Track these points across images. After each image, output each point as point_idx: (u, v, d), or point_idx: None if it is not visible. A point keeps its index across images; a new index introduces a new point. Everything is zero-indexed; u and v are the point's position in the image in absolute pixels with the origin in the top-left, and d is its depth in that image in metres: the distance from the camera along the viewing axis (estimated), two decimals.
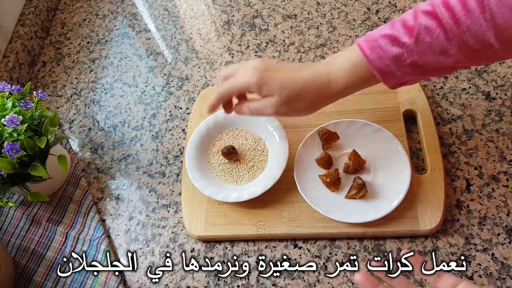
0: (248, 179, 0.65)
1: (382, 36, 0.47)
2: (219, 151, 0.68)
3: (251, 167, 0.65)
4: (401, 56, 0.47)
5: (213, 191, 0.63)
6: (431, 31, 0.45)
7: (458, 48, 0.45)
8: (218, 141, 0.69)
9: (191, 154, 0.67)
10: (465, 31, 0.44)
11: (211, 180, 0.65)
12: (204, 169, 0.66)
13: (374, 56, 0.47)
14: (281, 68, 0.51)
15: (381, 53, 0.47)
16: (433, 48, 0.46)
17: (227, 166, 0.66)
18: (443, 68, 0.48)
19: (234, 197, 0.61)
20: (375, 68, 0.48)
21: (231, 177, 0.65)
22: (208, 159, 0.68)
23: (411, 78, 0.49)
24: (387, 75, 0.48)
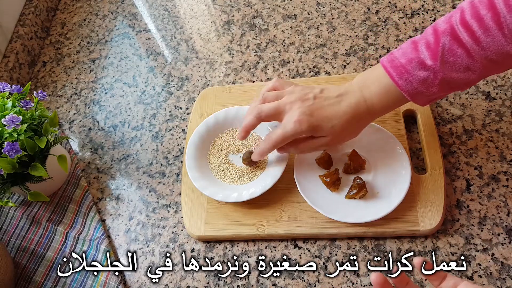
0: (248, 179, 0.65)
1: (408, 61, 0.49)
2: (219, 151, 0.67)
3: (251, 167, 0.65)
4: (428, 78, 0.48)
5: (213, 191, 0.63)
6: (454, 51, 0.47)
7: (482, 64, 0.46)
8: (218, 141, 0.69)
9: (191, 154, 0.66)
10: (485, 48, 0.45)
11: (211, 180, 0.65)
12: (204, 169, 0.66)
13: (403, 82, 0.50)
14: (322, 104, 0.54)
15: (410, 78, 0.49)
16: (458, 67, 0.47)
17: (227, 166, 0.66)
18: (469, 81, 0.49)
19: (234, 197, 0.61)
20: (405, 92, 0.50)
21: (231, 177, 0.65)
22: (208, 159, 0.68)
23: (439, 94, 0.51)
24: (416, 96, 0.51)
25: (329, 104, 0.54)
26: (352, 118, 0.53)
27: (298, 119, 0.53)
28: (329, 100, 0.54)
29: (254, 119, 0.56)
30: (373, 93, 0.53)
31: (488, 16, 0.44)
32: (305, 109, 0.53)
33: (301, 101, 0.54)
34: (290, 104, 0.54)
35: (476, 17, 0.45)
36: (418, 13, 0.79)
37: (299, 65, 0.78)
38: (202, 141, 0.68)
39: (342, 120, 0.53)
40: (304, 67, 0.77)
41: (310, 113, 0.53)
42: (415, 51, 0.49)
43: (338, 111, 0.53)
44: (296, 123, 0.53)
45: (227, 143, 0.68)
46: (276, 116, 0.56)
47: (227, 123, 0.69)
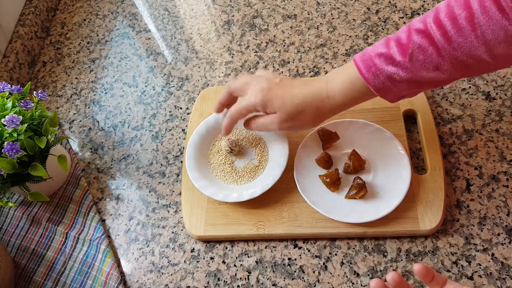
0: (248, 179, 0.65)
1: (377, 55, 0.49)
2: (219, 151, 0.68)
3: (251, 167, 0.65)
4: (396, 74, 0.48)
5: (213, 191, 0.63)
6: (424, 49, 0.46)
7: (451, 64, 0.46)
8: (218, 141, 0.69)
9: (191, 154, 0.67)
10: (456, 48, 0.45)
11: (211, 180, 0.65)
12: (204, 169, 0.66)
13: (370, 75, 0.49)
14: (284, 85, 0.55)
15: (377, 72, 0.49)
16: (427, 66, 0.47)
17: (227, 166, 0.66)
18: (438, 81, 0.49)
19: (234, 197, 0.61)
20: (371, 86, 0.50)
21: (231, 177, 0.65)
22: (208, 159, 0.68)
23: (408, 92, 0.51)
24: (383, 91, 0.50)
25: (291, 86, 0.54)
26: (307, 101, 0.53)
27: (254, 91, 0.54)
28: (293, 84, 0.55)
29: (224, 92, 0.60)
30: (337, 83, 0.52)
31: (462, 16, 0.44)
32: (266, 85, 0.54)
33: (267, 80, 0.55)
34: (257, 81, 0.56)
35: (450, 16, 0.45)
36: (418, 13, 0.79)
37: (299, 65, 0.78)
38: (202, 141, 0.68)
39: (295, 100, 0.53)
40: (304, 67, 0.77)
41: (268, 89, 0.54)
42: (386, 47, 0.49)
43: (294, 93, 0.54)
44: (251, 95, 0.55)
45: (227, 143, 0.68)
46: (243, 89, 0.57)
47: None
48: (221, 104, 0.61)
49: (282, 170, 0.62)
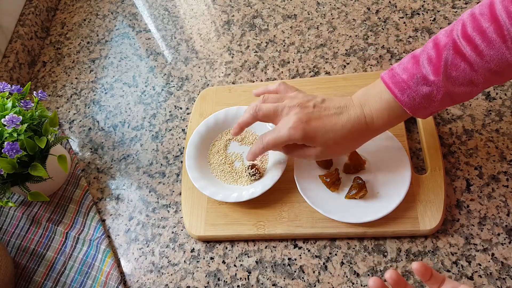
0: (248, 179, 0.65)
1: (410, 77, 0.48)
2: (219, 151, 0.68)
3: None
4: (431, 93, 0.48)
5: (213, 191, 0.63)
6: (456, 65, 0.46)
7: (485, 77, 0.46)
8: (218, 141, 0.69)
9: (191, 154, 0.66)
10: (489, 61, 0.45)
11: (211, 180, 0.65)
12: (204, 169, 0.66)
13: (406, 98, 0.49)
14: (321, 113, 0.52)
15: (412, 94, 0.48)
16: (461, 81, 0.47)
17: (227, 166, 0.66)
18: (472, 93, 0.48)
19: (234, 197, 0.61)
20: (408, 108, 0.49)
21: (231, 177, 0.65)
22: (208, 159, 0.68)
23: (442, 107, 0.50)
24: (419, 111, 0.50)
25: (327, 115, 0.52)
26: (349, 133, 0.52)
27: (293, 126, 0.52)
28: (328, 110, 0.53)
29: (250, 117, 0.56)
30: (373, 109, 0.51)
31: (491, 29, 0.43)
32: (303, 116, 0.52)
33: (300, 107, 0.53)
34: (288, 108, 0.53)
35: (478, 30, 0.44)
36: (418, 13, 0.79)
37: (299, 65, 0.78)
38: (202, 141, 0.68)
39: (338, 134, 0.52)
40: (304, 67, 0.77)
41: (306, 121, 0.52)
42: (417, 66, 0.48)
43: (335, 124, 0.52)
44: (290, 130, 0.52)
45: (227, 143, 0.68)
46: (272, 118, 0.54)
47: (227, 123, 0.69)
48: (241, 128, 0.58)
49: (282, 170, 0.62)
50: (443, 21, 0.76)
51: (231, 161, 0.67)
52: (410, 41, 0.75)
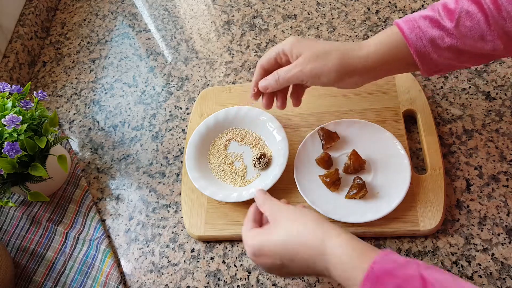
0: (249, 179, 0.65)
1: (422, 17, 0.47)
2: (219, 151, 0.68)
3: (251, 167, 0.65)
4: (440, 38, 0.46)
5: (213, 191, 0.63)
6: (472, 15, 0.45)
7: (498, 35, 0.45)
8: (218, 141, 0.69)
9: (191, 154, 0.67)
10: (505, 17, 0.44)
11: (211, 180, 0.65)
12: (204, 169, 0.66)
13: (413, 36, 0.47)
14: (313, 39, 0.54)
15: (420, 34, 0.47)
16: (473, 33, 0.45)
17: (227, 166, 0.66)
18: (480, 54, 0.47)
19: (234, 197, 0.61)
20: (412, 47, 0.47)
21: (231, 177, 0.65)
22: (208, 159, 0.68)
23: (447, 63, 0.49)
24: (423, 57, 0.47)
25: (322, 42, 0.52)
26: (335, 47, 0.50)
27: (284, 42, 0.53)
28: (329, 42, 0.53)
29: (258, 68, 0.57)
30: (374, 42, 0.50)
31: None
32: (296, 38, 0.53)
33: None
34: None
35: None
36: None
37: None
38: (202, 141, 0.68)
39: (323, 44, 0.51)
40: None
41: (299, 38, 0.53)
42: (432, 10, 0.47)
43: (324, 42, 0.52)
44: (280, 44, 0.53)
45: (228, 144, 0.68)
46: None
47: (227, 123, 0.69)
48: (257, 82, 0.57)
49: (282, 170, 0.62)
50: None
51: (231, 161, 0.67)
52: None
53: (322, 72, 0.50)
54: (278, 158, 0.64)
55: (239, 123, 0.69)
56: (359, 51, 0.49)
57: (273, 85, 0.54)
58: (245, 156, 0.67)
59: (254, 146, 0.67)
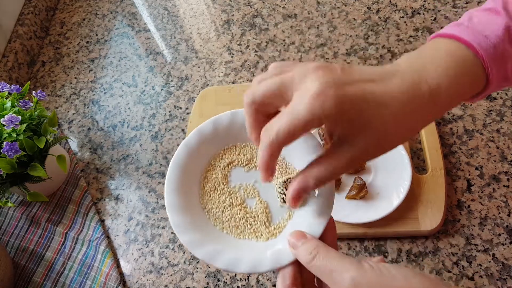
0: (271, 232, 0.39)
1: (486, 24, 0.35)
2: (217, 188, 0.41)
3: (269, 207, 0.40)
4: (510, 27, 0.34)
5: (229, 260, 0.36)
6: None
7: None
8: (211, 171, 0.41)
9: (173, 206, 0.39)
10: None
11: (214, 238, 0.38)
12: (200, 222, 0.39)
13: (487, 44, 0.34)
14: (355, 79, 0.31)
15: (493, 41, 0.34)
16: None
17: (237, 210, 0.40)
18: None
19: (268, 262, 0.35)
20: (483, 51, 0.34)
21: (248, 228, 0.39)
22: (202, 204, 0.40)
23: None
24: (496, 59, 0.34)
25: (368, 79, 0.31)
26: (411, 101, 0.31)
27: (318, 92, 0.29)
28: (365, 75, 0.31)
29: (247, 111, 0.33)
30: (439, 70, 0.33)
31: None
32: (330, 79, 0.30)
33: (323, 70, 0.30)
34: (302, 76, 0.30)
35: None
36: (419, 13, 0.79)
37: None
38: (186, 176, 0.40)
39: (398, 103, 0.31)
40: None
41: (338, 85, 0.30)
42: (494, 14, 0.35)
43: (387, 88, 0.31)
44: (314, 99, 0.29)
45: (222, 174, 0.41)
46: (279, 97, 0.32)
47: (218, 139, 0.42)
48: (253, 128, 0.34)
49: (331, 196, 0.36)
50: (443, 21, 0.76)
51: (241, 201, 0.40)
52: (410, 41, 0.75)
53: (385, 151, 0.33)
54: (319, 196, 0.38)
55: (237, 135, 0.42)
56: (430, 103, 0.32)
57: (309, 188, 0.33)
58: (261, 186, 0.41)
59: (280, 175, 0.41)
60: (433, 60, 0.33)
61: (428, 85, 0.32)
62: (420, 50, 0.35)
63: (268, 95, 0.32)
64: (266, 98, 0.32)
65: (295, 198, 0.33)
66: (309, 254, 0.32)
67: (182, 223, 0.37)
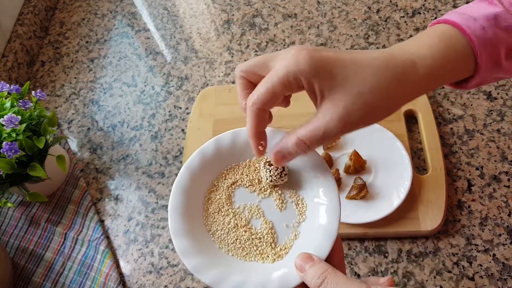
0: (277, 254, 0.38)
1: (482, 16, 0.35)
2: (221, 209, 0.40)
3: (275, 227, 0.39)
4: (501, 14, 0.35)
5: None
6: None
7: None
8: (215, 192, 0.41)
9: (177, 227, 0.38)
10: None
11: (221, 261, 0.38)
12: (204, 244, 0.39)
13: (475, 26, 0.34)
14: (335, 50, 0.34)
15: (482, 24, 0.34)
16: None
17: (242, 231, 0.39)
18: None
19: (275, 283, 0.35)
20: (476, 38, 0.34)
21: (254, 250, 0.38)
22: (206, 226, 0.40)
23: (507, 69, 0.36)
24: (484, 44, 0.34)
25: (346, 51, 0.34)
26: (388, 70, 0.32)
27: (293, 53, 0.32)
28: (348, 51, 0.34)
29: (236, 78, 0.37)
30: (423, 44, 0.34)
31: None
32: (308, 46, 0.33)
33: (303, 45, 0.33)
34: (284, 51, 0.34)
35: None
36: (419, 12, 0.79)
37: None
38: (188, 198, 0.40)
39: (369, 70, 0.32)
40: None
41: (314, 49, 0.32)
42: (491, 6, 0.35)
43: (363, 57, 0.33)
44: (291, 59, 0.32)
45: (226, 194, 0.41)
46: (264, 65, 0.35)
47: (220, 159, 0.42)
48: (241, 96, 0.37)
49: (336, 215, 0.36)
50: None
51: (246, 222, 0.40)
52: None
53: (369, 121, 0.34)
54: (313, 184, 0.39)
55: (240, 155, 0.42)
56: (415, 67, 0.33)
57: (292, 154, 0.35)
58: (265, 206, 0.40)
59: (275, 188, 0.41)
60: (420, 39, 0.35)
61: (411, 56, 0.33)
62: (412, 37, 0.36)
63: (254, 65, 0.35)
64: (252, 67, 0.35)
65: (277, 157, 0.35)
66: (317, 279, 0.31)
67: (187, 247, 0.37)
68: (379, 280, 0.32)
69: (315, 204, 0.38)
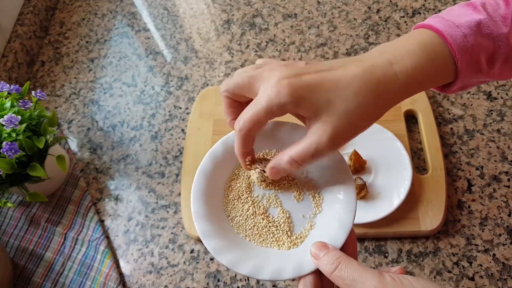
0: (294, 240, 0.40)
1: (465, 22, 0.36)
2: (240, 197, 0.42)
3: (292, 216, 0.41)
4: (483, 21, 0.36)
5: (255, 267, 0.37)
6: None
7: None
8: (235, 180, 0.43)
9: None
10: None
11: (239, 245, 0.39)
12: (223, 228, 0.40)
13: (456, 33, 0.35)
14: (316, 69, 0.35)
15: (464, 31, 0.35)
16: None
17: (260, 218, 0.40)
18: None
19: (290, 270, 0.36)
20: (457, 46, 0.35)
21: (270, 237, 0.40)
22: (226, 211, 0.42)
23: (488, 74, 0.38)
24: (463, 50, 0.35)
25: (328, 69, 0.35)
26: (368, 86, 0.33)
27: (275, 82, 0.34)
28: (329, 65, 0.35)
29: (223, 100, 0.39)
30: (402, 51, 0.35)
31: None
32: (289, 72, 0.34)
33: (286, 66, 0.36)
34: (269, 71, 0.35)
35: None
36: (419, 12, 0.79)
37: None
38: (210, 183, 0.42)
39: (350, 89, 0.33)
40: None
41: (295, 75, 0.34)
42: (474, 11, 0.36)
43: (342, 75, 0.34)
44: (272, 90, 0.33)
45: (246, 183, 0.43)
46: (248, 88, 0.36)
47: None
48: (226, 114, 0.40)
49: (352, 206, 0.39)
50: None
51: (264, 210, 0.41)
52: None
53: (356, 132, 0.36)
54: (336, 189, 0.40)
55: (260, 146, 0.43)
56: (395, 75, 0.34)
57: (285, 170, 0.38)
58: (283, 197, 0.41)
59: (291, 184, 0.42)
60: (401, 45, 0.36)
61: (392, 66, 0.34)
62: (395, 40, 0.37)
63: (239, 87, 0.37)
64: (237, 89, 0.37)
65: (272, 172, 0.38)
66: (331, 265, 0.32)
67: (208, 230, 0.39)
68: (390, 269, 0.33)
69: (332, 199, 0.40)
